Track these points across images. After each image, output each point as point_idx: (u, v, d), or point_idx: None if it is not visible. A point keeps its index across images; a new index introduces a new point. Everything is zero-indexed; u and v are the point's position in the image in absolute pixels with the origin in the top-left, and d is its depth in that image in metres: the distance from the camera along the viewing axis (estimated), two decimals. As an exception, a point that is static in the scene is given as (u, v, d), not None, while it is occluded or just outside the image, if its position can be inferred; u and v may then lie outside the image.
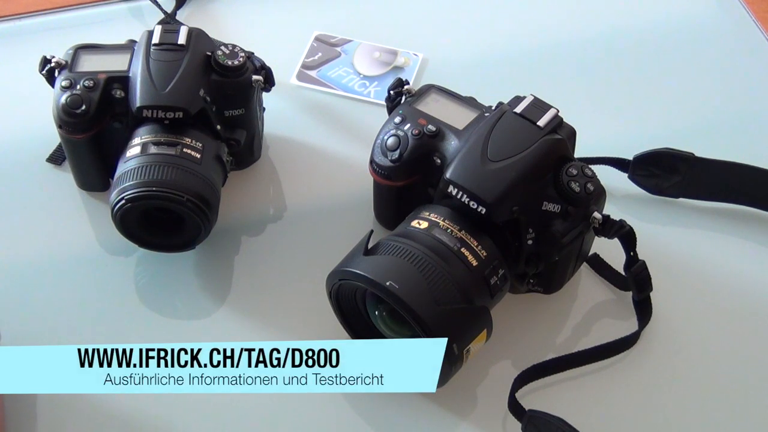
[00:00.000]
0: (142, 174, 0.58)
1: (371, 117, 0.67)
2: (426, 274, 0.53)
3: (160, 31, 0.62)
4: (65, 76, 0.61)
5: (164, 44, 0.61)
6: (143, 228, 0.61)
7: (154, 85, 0.60)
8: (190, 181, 0.59)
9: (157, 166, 0.58)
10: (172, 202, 0.58)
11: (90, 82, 0.61)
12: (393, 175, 0.61)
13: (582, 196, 0.56)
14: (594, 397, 0.59)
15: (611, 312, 0.63)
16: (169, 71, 0.60)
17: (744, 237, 0.68)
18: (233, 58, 0.63)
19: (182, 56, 0.61)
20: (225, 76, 0.62)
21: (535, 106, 0.58)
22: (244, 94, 0.64)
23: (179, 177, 0.58)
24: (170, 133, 0.60)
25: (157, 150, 0.59)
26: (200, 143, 0.61)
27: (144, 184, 0.58)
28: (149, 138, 0.60)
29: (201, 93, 0.61)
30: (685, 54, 0.82)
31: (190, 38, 0.62)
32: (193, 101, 0.61)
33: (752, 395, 0.60)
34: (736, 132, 0.75)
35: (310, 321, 0.62)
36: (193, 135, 0.61)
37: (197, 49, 0.62)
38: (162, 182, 0.58)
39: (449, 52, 0.81)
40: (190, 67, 0.61)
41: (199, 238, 0.61)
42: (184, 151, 0.60)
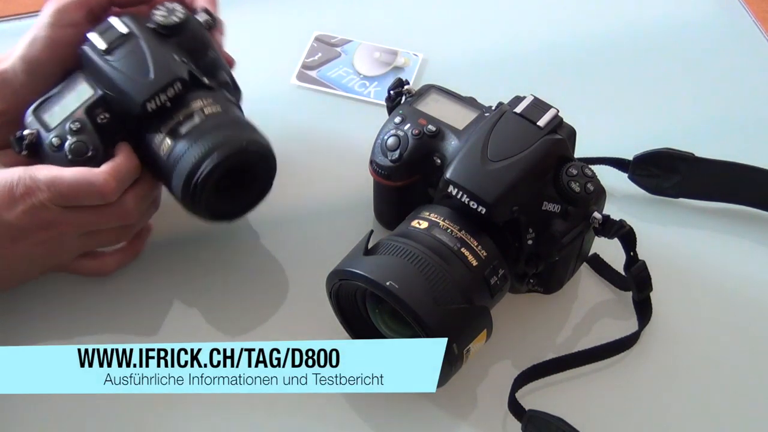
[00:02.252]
0: (194, 153, 0.57)
1: (371, 117, 0.67)
2: (426, 274, 0.53)
3: (97, 36, 0.59)
4: (50, 137, 0.58)
5: (112, 43, 0.59)
6: (223, 200, 0.60)
7: (138, 78, 0.58)
8: (234, 130, 0.58)
9: (200, 139, 0.57)
10: (238, 156, 0.57)
11: (75, 124, 0.58)
12: (393, 175, 0.61)
13: (582, 196, 0.56)
14: (594, 397, 0.59)
15: (611, 312, 0.63)
16: (138, 59, 0.58)
17: (744, 237, 0.68)
18: (173, 13, 0.60)
19: (136, 41, 0.59)
20: (180, 34, 0.60)
21: (535, 106, 0.58)
22: (205, 39, 0.62)
23: (224, 132, 0.58)
24: (180, 109, 0.58)
25: (186, 128, 0.58)
26: (209, 98, 0.59)
27: (204, 156, 0.56)
28: (168, 126, 0.58)
29: (176, 58, 0.59)
30: (685, 54, 0.82)
31: (127, 23, 0.59)
32: (179, 67, 0.59)
33: (752, 395, 0.60)
34: (736, 132, 0.75)
35: (310, 321, 0.62)
36: (198, 97, 0.59)
37: (141, 27, 0.60)
38: (215, 145, 0.57)
39: (449, 52, 0.81)
40: (150, 44, 0.59)
41: (272, 169, 0.61)
42: (206, 112, 0.58)
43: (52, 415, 0.58)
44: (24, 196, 0.55)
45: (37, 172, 0.56)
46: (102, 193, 0.56)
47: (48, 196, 0.55)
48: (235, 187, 0.60)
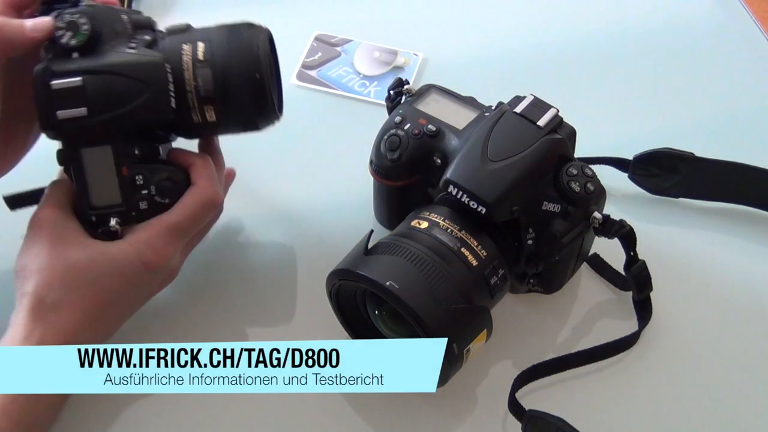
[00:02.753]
0: (238, 60, 0.56)
1: (371, 117, 0.67)
2: (426, 274, 0.53)
3: (66, 112, 0.53)
4: (133, 206, 0.56)
5: (87, 99, 0.54)
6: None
7: (143, 97, 0.54)
8: (237, 31, 0.58)
9: (230, 66, 0.55)
10: (268, 39, 0.58)
11: (138, 179, 0.56)
12: (393, 175, 0.61)
13: (582, 195, 0.56)
14: (594, 397, 0.59)
15: (611, 312, 0.63)
16: (118, 82, 0.54)
17: (744, 237, 0.68)
18: (77, 27, 0.54)
19: (95, 78, 0.53)
20: (101, 33, 0.54)
21: (535, 106, 0.58)
22: (118, 18, 0.56)
23: (237, 38, 0.57)
24: (183, 74, 0.56)
25: (207, 82, 0.55)
26: (182, 45, 0.56)
27: (252, 60, 0.56)
28: (192, 98, 0.56)
29: (132, 46, 0.55)
30: (685, 54, 0.82)
31: (75, 70, 0.53)
32: (151, 54, 0.55)
33: (752, 395, 0.60)
34: (736, 132, 0.75)
35: (310, 321, 0.62)
36: (174, 52, 0.56)
37: (84, 61, 0.54)
38: (249, 44, 0.57)
39: (449, 52, 0.81)
40: (104, 64, 0.54)
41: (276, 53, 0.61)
42: (200, 57, 0.56)
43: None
44: (157, 261, 0.55)
45: (153, 231, 0.55)
46: (216, 203, 0.58)
47: (177, 245, 0.56)
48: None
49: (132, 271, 0.55)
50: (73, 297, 0.53)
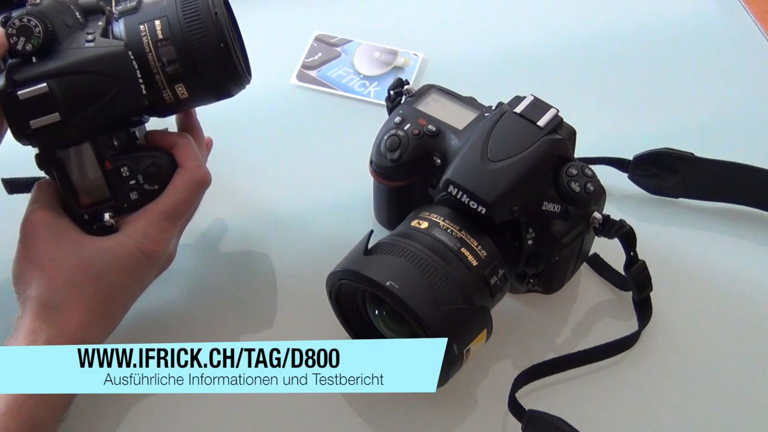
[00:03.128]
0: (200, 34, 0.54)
1: (371, 117, 0.67)
2: (426, 274, 0.53)
3: (40, 120, 0.52)
4: (123, 197, 0.56)
5: (54, 101, 0.52)
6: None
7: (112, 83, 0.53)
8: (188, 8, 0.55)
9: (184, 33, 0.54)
10: None
11: (123, 170, 0.56)
12: (393, 175, 0.61)
13: (582, 196, 0.56)
14: (594, 397, 0.59)
15: (611, 312, 0.63)
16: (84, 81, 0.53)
17: (744, 237, 0.68)
18: (30, 32, 0.52)
19: (60, 81, 0.52)
20: (53, 30, 0.53)
21: (535, 106, 0.58)
22: (60, 9, 0.55)
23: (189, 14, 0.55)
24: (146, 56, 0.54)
25: (171, 51, 0.54)
26: (138, 24, 0.55)
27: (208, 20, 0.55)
28: (157, 79, 0.55)
29: (89, 37, 0.54)
30: (685, 54, 0.82)
31: (38, 75, 0.52)
32: (112, 43, 0.54)
33: (752, 395, 0.60)
34: (736, 132, 0.75)
35: (310, 321, 0.62)
36: (132, 31, 0.55)
37: (45, 64, 0.53)
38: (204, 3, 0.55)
39: (449, 52, 0.81)
40: (66, 60, 0.53)
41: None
42: (159, 38, 0.54)
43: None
44: (155, 249, 0.55)
45: (147, 221, 0.55)
46: (206, 182, 0.57)
47: (173, 230, 0.56)
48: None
49: (133, 263, 0.55)
50: (77, 296, 0.53)
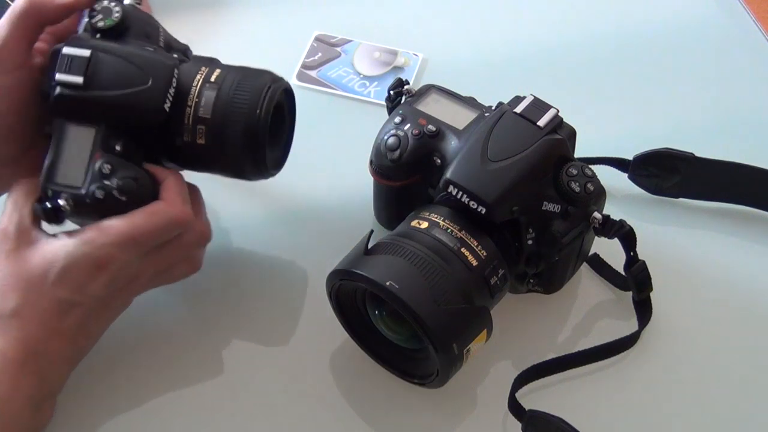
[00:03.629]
0: (242, 103, 0.55)
1: (371, 117, 0.67)
2: (426, 274, 0.53)
3: (65, 75, 0.54)
4: (89, 192, 0.53)
5: (87, 72, 0.54)
6: (270, 149, 0.58)
7: (139, 89, 0.54)
8: (252, 74, 0.57)
9: (232, 101, 0.55)
10: (279, 88, 0.57)
11: (105, 167, 0.54)
12: (393, 175, 0.61)
13: (582, 196, 0.56)
14: (594, 397, 0.59)
15: (611, 312, 0.63)
16: (126, 73, 0.54)
17: (744, 237, 0.68)
18: (110, 14, 0.56)
19: (106, 57, 0.54)
20: (129, 27, 0.56)
21: (535, 106, 0.58)
22: (148, 20, 0.59)
23: (249, 79, 0.57)
24: (186, 94, 0.56)
25: (209, 104, 0.55)
26: (200, 67, 0.57)
27: (254, 103, 0.55)
28: (189, 113, 0.56)
29: (151, 49, 0.56)
30: (685, 54, 0.82)
31: (83, 45, 0.55)
32: (164, 57, 0.56)
33: (752, 395, 0.60)
34: (736, 132, 0.75)
35: (310, 321, 0.62)
36: (188, 75, 0.57)
37: (95, 41, 0.55)
38: (257, 88, 0.56)
39: (449, 52, 0.81)
40: (120, 52, 0.55)
41: (295, 107, 0.61)
42: (211, 80, 0.56)
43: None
44: (106, 266, 0.52)
45: (105, 236, 0.52)
46: (183, 223, 0.54)
47: (131, 254, 0.53)
48: (275, 131, 0.58)
49: (79, 275, 0.52)
50: (28, 307, 0.51)
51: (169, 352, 0.61)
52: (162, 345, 0.61)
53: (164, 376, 0.60)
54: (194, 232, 0.56)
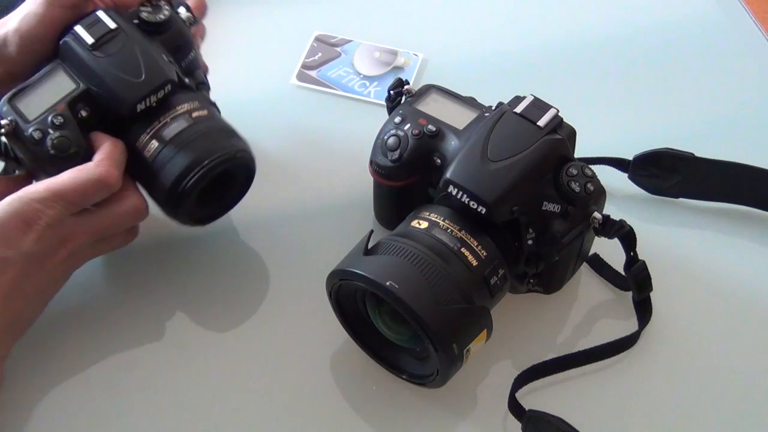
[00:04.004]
0: (183, 159, 0.56)
1: (371, 117, 0.67)
2: (426, 274, 0.53)
3: (85, 30, 0.57)
4: (30, 129, 0.56)
5: (100, 38, 0.57)
6: (203, 206, 0.60)
7: (128, 78, 0.57)
8: (223, 136, 0.58)
9: (189, 144, 0.57)
10: (227, 164, 0.57)
11: (58, 118, 0.56)
12: (393, 175, 0.61)
13: (582, 196, 0.56)
14: (594, 397, 0.59)
15: (611, 312, 0.63)
16: (129, 58, 0.57)
17: (744, 237, 0.68)
18: (159, 11, 0.60)
19: (125, 39, 0.58)
20: (165, 32, 0.60)
21: (535, 106, 0.58)
22: (188, 38, 0.62)
23: (214, 139, 0.58)
24: (166, 111, 0.58)
25: (172, 131, 0.57)
26: (195, 101, 0.59)
27: (194, 165, 0.56)
28: (154, 128, 0.57)
29: (165, 58, 0.59)
30: (685, 54, 0.82)
31: (115, 19, 0.58)
32: (168, 68, 0.59)
33: (752, 395, 0.60)
34: (736, 132, 0.75)
35: (310, 321, 0.62)
36: (183, 99, 0.59)
37: (128, 23, 0.59)
38: (207, 152, 0.57)
39: (449, 52, 0.81)
40: (139, 43, 0.58)
41: (253, 174, 0.61)
42: (193, 116, 0.58)
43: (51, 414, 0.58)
44: (34, 221, 0.53)
45: (34, 192, 0.54)
46: (107, 183, 0.55)
47: (58, 210, 0.54)
48: (214, 192, 0.60)
49: (9, 231, 0.53)
50: None
51: (169, 352, 0.61)
52: (162, 344, 0.61)
53: (164, 375, 0.60)
54: (127, 202, 0.57)
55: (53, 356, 0.60)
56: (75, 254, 0.57)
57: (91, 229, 0.57)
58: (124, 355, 0.61)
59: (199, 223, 0.62)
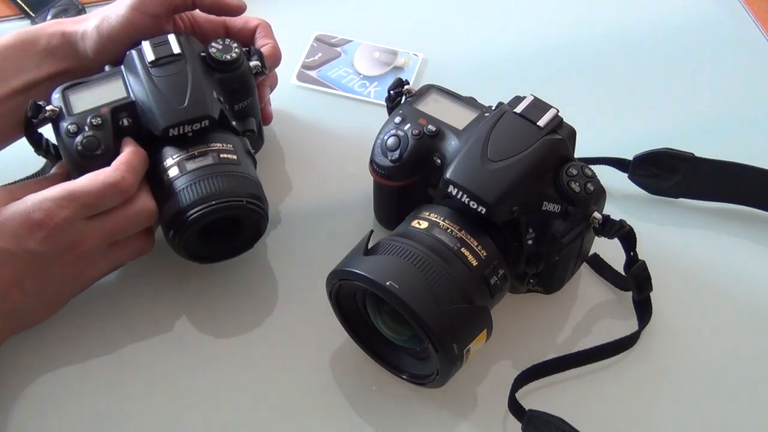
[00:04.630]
0: (194, 192, 0.57)
1: (371, 117, 0.67)
2: (426, 274, 0.53)
3: (150, 47, 0.60)
4: (69, 122, 0.58)
5: (161, 59, 0.60)
6: (204, 244, 0.60)
7: (171, 102, 0.58)
8: (240, 183, 0.58)
9: (205, 180, 0.57)
10: (234, 209, 0.57)
11: (97, 119, 0.58)
12: (393, 175, 0.61)
13: (582, 196, 0.56)
14: (594, 397, 0.59)
15: (611, 312, 0.63)
16: (179, 83, 0.59)
17: (744, 237, 0.68)
18: (228, 51, 0.62)
19: (183, 65, 0.60)
20: (227, 72, 0.62)
21: (535, 106, 0.58)
22: (248, 84, 0.64)
23: (230, 183, 0.58)
24: (198, 144, 0.59)
25: (195, 164, 0.58)
26: (230, 144, 0.60)
27: (202, 201, 0.56)
28: (181, 156, 0.58)
29: (214, 95, 0.60)
30: (685, 54, 0.82)
31: (182, 45, 0.61)
32: (214, 106, 0.59)
33: (752, 395, 0.60)
34: (736, 132, 0.75)
35: (310, 321, 0.62)
36: (219, 139, 0.60)
37: (192, 53, 0.61)
38: (217, 193, 0.57)
39: (449, 52, 0.81)
40: (195, 73, 0.60)
41: (261, 231, 0.61)
42: (221, 156, 0.59)
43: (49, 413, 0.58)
44: (43, 220, 0.53)
45: (49, 193, 0.54)
46: (121, 188, 0.55)
47: (70, 212, 0.54)
48: (218, 234, 0.60)
49: (15, 227, 0.53)
50: None
51: (169, 351, 0.61)
52: (161, 344, 0.61)
53: (163, 375, 0.60)
54: (138, 203, 0.57)
55: (54, 350, 0.60)
56: (86, 259, 0.57)
57: (102, 231, 0.56)
58: (123, 354, 0.61)
59: (196, 260, 0.61)
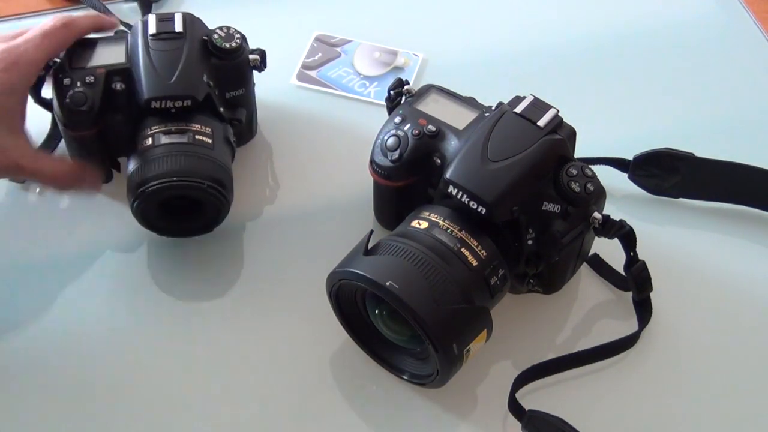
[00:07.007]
0: (159, 166, 0.58)
1: (371, 117, 0.67)
2: (426, 274, 0.53)
3: (155, 20, 0.62)
4: (66, 75, 0.61)
5: (162, 33, 0.62)
6: (163, 217, 0.61)
7: (160, 76, 0.60)
8: (206, 166, 0.60)
9: (173, 156, 0.59)
10: (193, 190, 0.59)
11: (90, 78, 0.60)
12: (393, 175, 0.61)
13: (582, 196, 0.56)
14: (594, 397, 0.59)
15: (611, 312, 0.63)
16: (172, 60, 0.61)
17: (744, 237, 0.68)
18: (230, 40, 0.64)
19: (182, 44, 0.61)
20: (224, 59, 0.63)
21: (535, 106, 0.58)
22: (243, 75, 0.65)
23: (196, 164, 0.59)
24: (179, 122, 0.60)
25: (169, 140, 0.60)
26: (209, 128, 0.61)
27: (163, 175, 0.58)
28: (159, 129, 0.60)
29: (204, 78, 0.62)
30: (685, 54, 0.82)
31: (185, 25, 0.62)
32: (200, 88, 0.61)
33: (752, 395, 0.60)
34: (736, 132, 0.75)
35: (310, 321, 0.62)
36: (200, 120, 0.61)
37: (194, 35, 0.63)
38: (180, 171, 0.58)
39: (449, 52, 0.81)
40: (191, 54, 0.61)
41: (220, 218, 0.63)
42: (196, 137, 0.60)
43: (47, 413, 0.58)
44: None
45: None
46: (60, 183, 0.62)
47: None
48: (179, 210, 0.61)
49: None
50: None
51: (168, 351, 0.61)
52: (161, 344, 0.61)
53: (162, 374, 0.60)
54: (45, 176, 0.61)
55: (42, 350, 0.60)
56: None
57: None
58: (123, 353, 0.61)
59: (152, 230, 0.63)
